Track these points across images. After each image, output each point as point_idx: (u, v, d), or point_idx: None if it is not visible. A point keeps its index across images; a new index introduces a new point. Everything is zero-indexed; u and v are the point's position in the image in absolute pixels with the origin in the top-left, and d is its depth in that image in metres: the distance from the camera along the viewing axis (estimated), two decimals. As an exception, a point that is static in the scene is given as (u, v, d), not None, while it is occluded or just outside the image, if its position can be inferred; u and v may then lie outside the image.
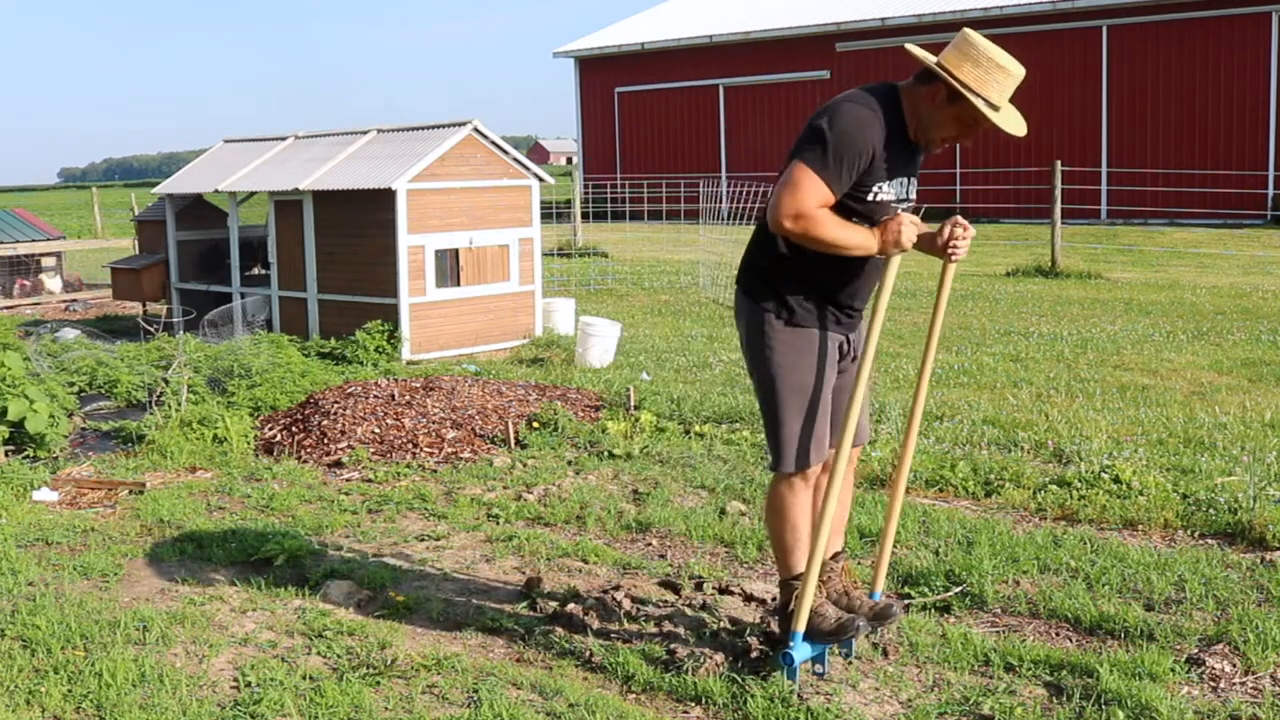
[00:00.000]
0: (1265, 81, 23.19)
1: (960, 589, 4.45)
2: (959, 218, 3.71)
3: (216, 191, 11.59)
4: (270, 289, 11.10)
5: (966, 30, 3.55)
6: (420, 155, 9.99)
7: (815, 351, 3.71)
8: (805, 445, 3.70)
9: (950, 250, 3.68)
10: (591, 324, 9.68)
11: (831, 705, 3.56)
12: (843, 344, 3.81)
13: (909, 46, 3.72)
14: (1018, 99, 3.66)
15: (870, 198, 3.59)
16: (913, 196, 3.78)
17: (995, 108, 3.49)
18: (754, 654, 3.85)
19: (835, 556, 3.94)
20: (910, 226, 3.54)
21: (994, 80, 3.46)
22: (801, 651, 3.68)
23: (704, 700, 3.65)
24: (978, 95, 3.46)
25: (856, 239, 3.54)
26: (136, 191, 34.03)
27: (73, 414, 7.83)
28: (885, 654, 3.95)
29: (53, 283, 16.19)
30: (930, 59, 3.54)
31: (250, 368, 8.44)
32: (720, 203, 20.07)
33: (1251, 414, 7.21)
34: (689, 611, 4.33)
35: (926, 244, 3.73)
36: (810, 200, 3.49)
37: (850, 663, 3.88)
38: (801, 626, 3.64)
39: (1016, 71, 3.48)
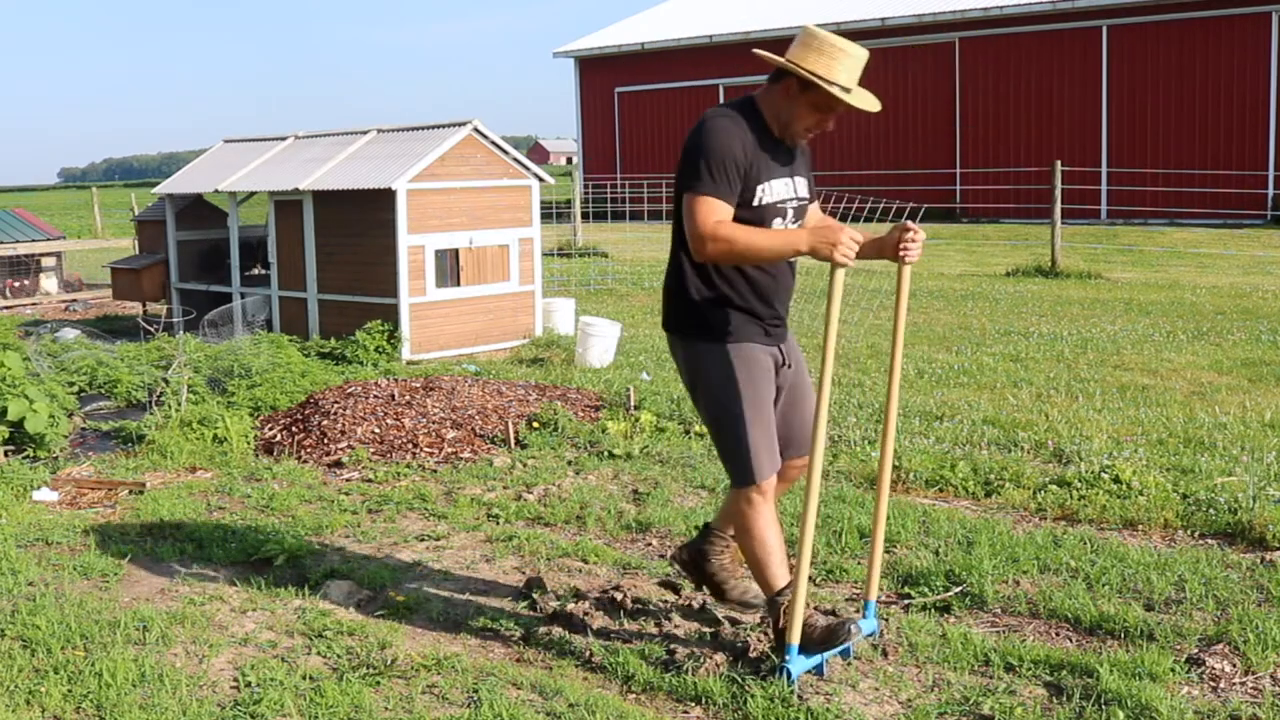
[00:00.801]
0: (1265, 81, 23.18)
1: (960, 589, 4.45)
2: (907, 222, 3.76)
3: (216, 191, 11.59)
4: (270, 289, 11.10)
5: (807, 25, 3.73)
6: (420, 155, 10.00)
7: (750, 366, 3.79)
8: (760, 458, 3.76)
9: (902, 253, 3.75)
10: (591, 324, 9.68)
11: (832, 705, 3.56)
12: (775, 355, 3.89)
13: (757, 51, 3.88)
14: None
15: (757, 202, 3.70)
16: (804, 194, 3.89)
17: (847, 90, 3.63)
18: (754, 654, 3.85)
19: (734, 536, 4.01)
20: (850, 239, 3.53)
21: (838, 64, 3.61)
22: (798, 665, 3.69)
23: (704, 700, 3.65)
24: (824, 80, 3.60)
25: (778, 240, 3.62)
26: (136, 191, 34.03)
27: (73, 414, 7.83)
28: (885, 654, 3.95)
29: (49, 283, 16.19)
30: (778, 58, 3.68)
31: (250, 368, 8.44)
32: (720, 203, 20.08)
33: (1251, 414, 7.21)
34: (689, 611, 4.33)
35: (875, 249, 3.83)
36: (712, 218, 3.58)
37: (850, 663, 3.87)
38: (796, 639, 3.66)
39: (858, 53, 3.64)
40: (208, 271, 12.32)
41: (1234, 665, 3.78)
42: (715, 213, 3.59)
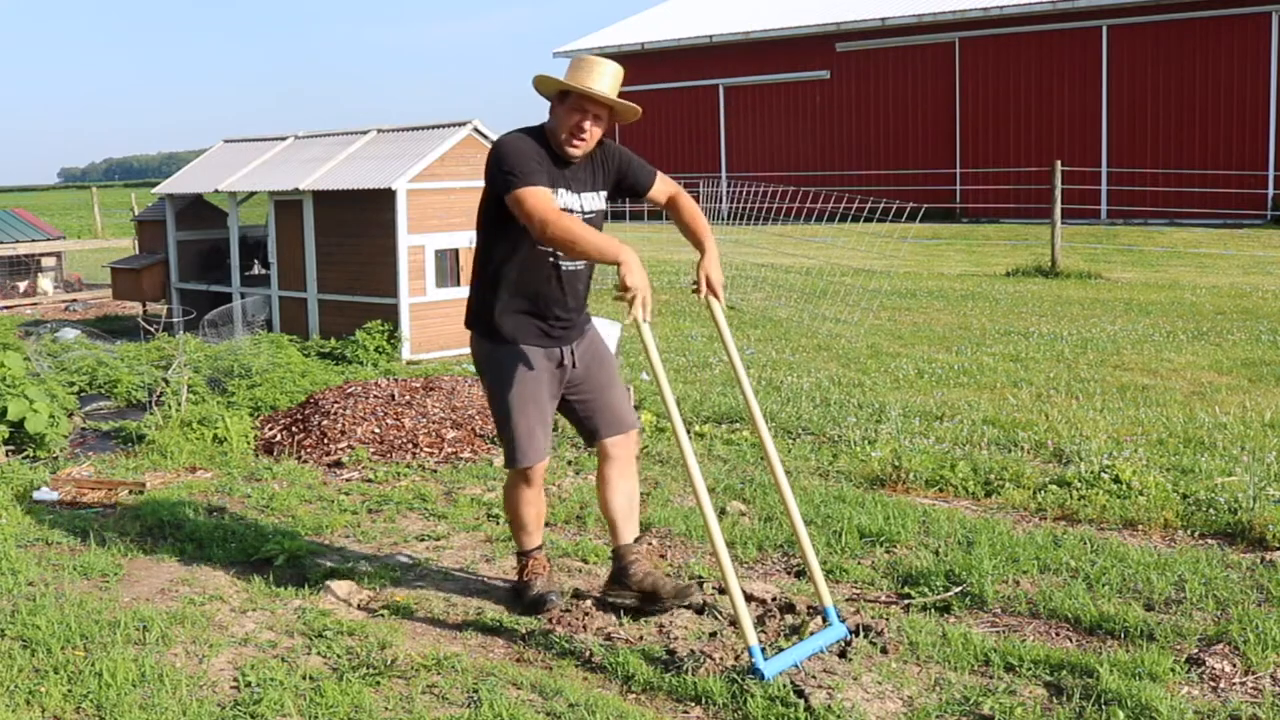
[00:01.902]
0: (1265, 81, 23.18)
1: (960, 589, 4.45)
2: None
3: (216, 191, 11.59)
4: (270, 289, 11.10)
5: (576, 57, 4.25)
6: (420, 155, 10.00)
7: (520, 365, 4.24)
8: (522, 446, 4.26)
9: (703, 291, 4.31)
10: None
11: (834, 703, 3.56)
12: (555, 355, 4.30)
13: (537, 79, 4.22)
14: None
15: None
16: (590, 208, 4.28)
17: (591, 90, 4.04)
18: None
19: (637, 540, 4.45)
20: (647, 292, 3.88)
21: (586, 73, 4.07)
22: (770, 669, 3.70)
23: (704, 700, 3.65)
24: (572, 84, 4.05)
25: (598, 241, 3.93)
26: (136, 191, 34.04)
27: (73, 414, 7.83)
28: (885, 652, 3.95)
29: (44, 282, 16.19)
30: (543, 76, 4.16)
31: (250, 368, 8.45)
32: (720, 203, 20.08)
33: (1251, 414, 7.21)
34: (689, 611, 4.33)
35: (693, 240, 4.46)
36: (541, 204, 3.96)
37: (851, 661, 3.87)
38: (754, 641, 3.73)
39: (609, 65, 4.09)
40: (208, 271, 12.32)
41: (1234, 665, 3.78)
42: (542, 197, 3.99)
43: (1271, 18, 23.03)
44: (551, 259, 4.19)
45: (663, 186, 4.46)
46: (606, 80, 4.08)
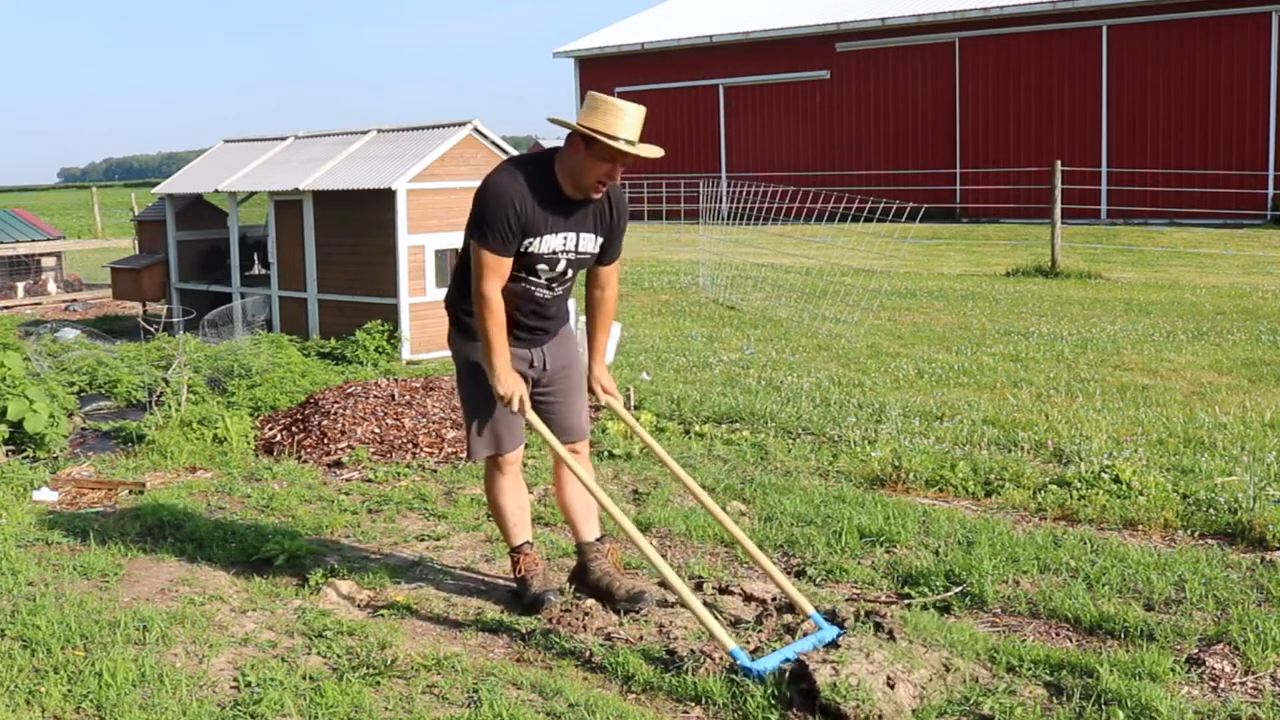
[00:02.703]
0: (1265, 81, 23.18)
1: (960, 589, 4.45)
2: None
3: (216, 191, 11.59)
4: (270, 289, 11.10)
5: (591, 92, 4.17)
6: (420, 155, 10.00)
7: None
8: (483, 439, 4.38)
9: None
10: (591, 324, 9.67)
11: (839, 682, 3.53)
12: (525, 356, 4.37)
13: (551, 119, 4.30)
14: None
15: (523, 249, 4.17)
16: (584, 250, 4.29)
17: (630, 142, 4.04)
18: (753, 653, 3.85)
19: (601, 539, 4.52)
20: (518, 405, 4.19)
21: (614, 120, 4.03)
22: (761, 667, 3.69)
23: (704, 700, 3.65)
24: (604, 134, 4.01)
25: (491, 348, 4.15)
26: (136, 191, 34.04)
27: (73, 414, 7.83)
28: (891, 636, 3.94)
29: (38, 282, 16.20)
30: (567, 122, 4.10)
31: (250, 368, 8.45)
32: (720, 203, 20.08)
33: (1251, 414, 7.21)
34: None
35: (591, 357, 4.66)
36: (488, 277, 4.12)
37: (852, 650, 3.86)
38: (730, 644, 3.76)
39: (631, 108, 4.06)
40: (208, 271, 12.32)
41: (1234, 665, 3.78)
42: (492, 267, 4.12)
43: (1271, 18, 23.03)
44: (530, 287, 4.27)
45: (614, 267, 4.51)
46: (637, 129, 4.07)
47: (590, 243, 4.30)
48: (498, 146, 10.43)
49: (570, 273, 4.33)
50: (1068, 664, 3.80)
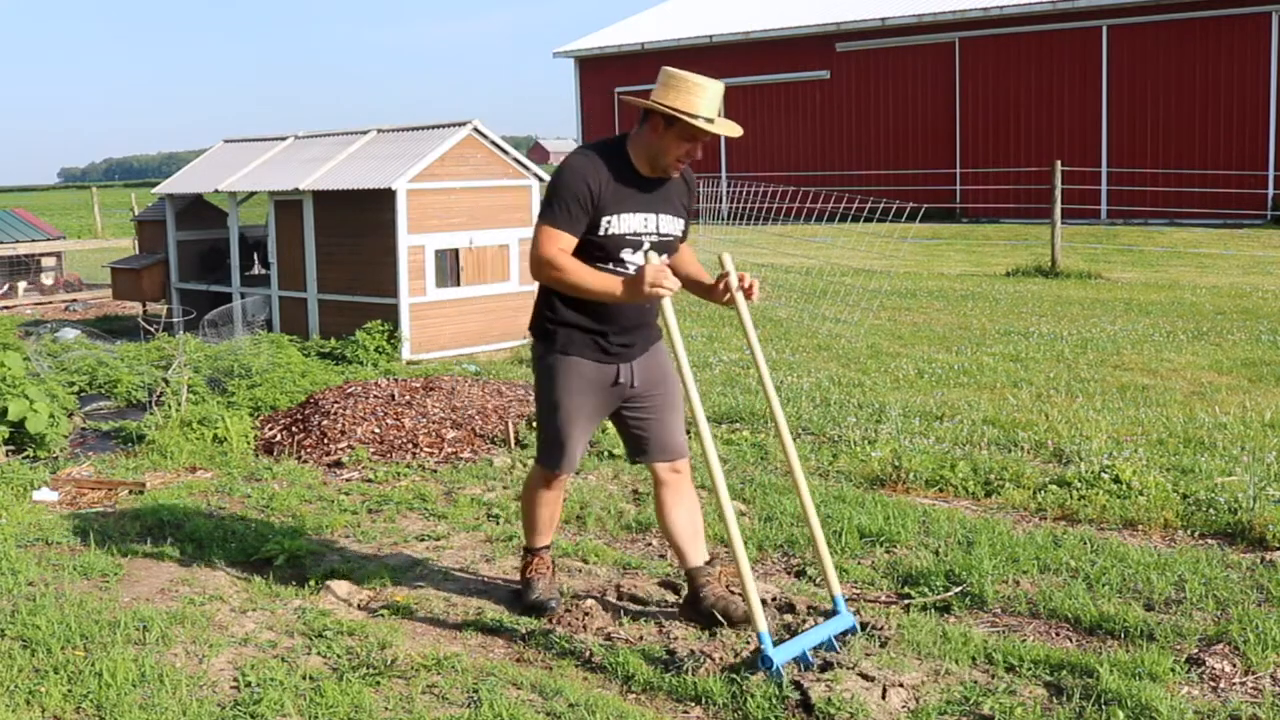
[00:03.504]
0: (1265, 81, 23.18)
1: (960, 589, 4.45)
2: (727, 276, 4.08)
3: (216, 191, 11.59)
4: (270, 289, 11.10)
5: (665, 67, 4.03)
6: (420, 155, 10.00)
7: (573, 378, 4.15)
8: (554, 452, 4.23)
9: (725, 300, 4.13)
10: (591, 324, 9.67)
11: (834, 696, 3.55)
12: (612, 373, 4.19)
13: (623, 98, 4.20)
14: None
15: (603, 232, 4.02)
16: (666, 230, 4.14)
17: (710, 120, 3.92)
18: (754, 652, 3.85)
19: (709, 562, 4.34)
20: (659, 274, 3.80)
21: (694, 97, 3.89)
22: (779, 655, 3.71)
23: (704, 700, 3.65)
24: (685, 112, 3.88)
25: (599, 284, 3.94)
26: (136, 191, 34.04)
27: (73, 414, 7.83)
28: (883, 645, 3.95)
29: (45, 282, 16.18)
30: (643, 100, 3.99)
31: (250, 368, 8.45)
32: (720, 203, 20.08)
33: (1251, 414, 7.21)
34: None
35: (702, 291, 4.26)
36: (550, 248, 3.95)
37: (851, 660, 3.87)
38: (763, 627, 3.73)
39: (712, 85, 3.93)
40: (208, 271, 12.32)
41: (1234, 665, 3.78)
42: (556, 242, 3.96)
43: (1271, 18, 23.03)
44: (613, 270, 4.06)
45: (686, 252, 4.35)
46: (716, 106, 3.93)
47: (671, 224, 4.15)
48: (498, 146, 10.43)
49: (663, 258, 4.11)
50: (1068, 664, 3.80)
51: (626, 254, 4.06)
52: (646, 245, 4.07)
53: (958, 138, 26.87)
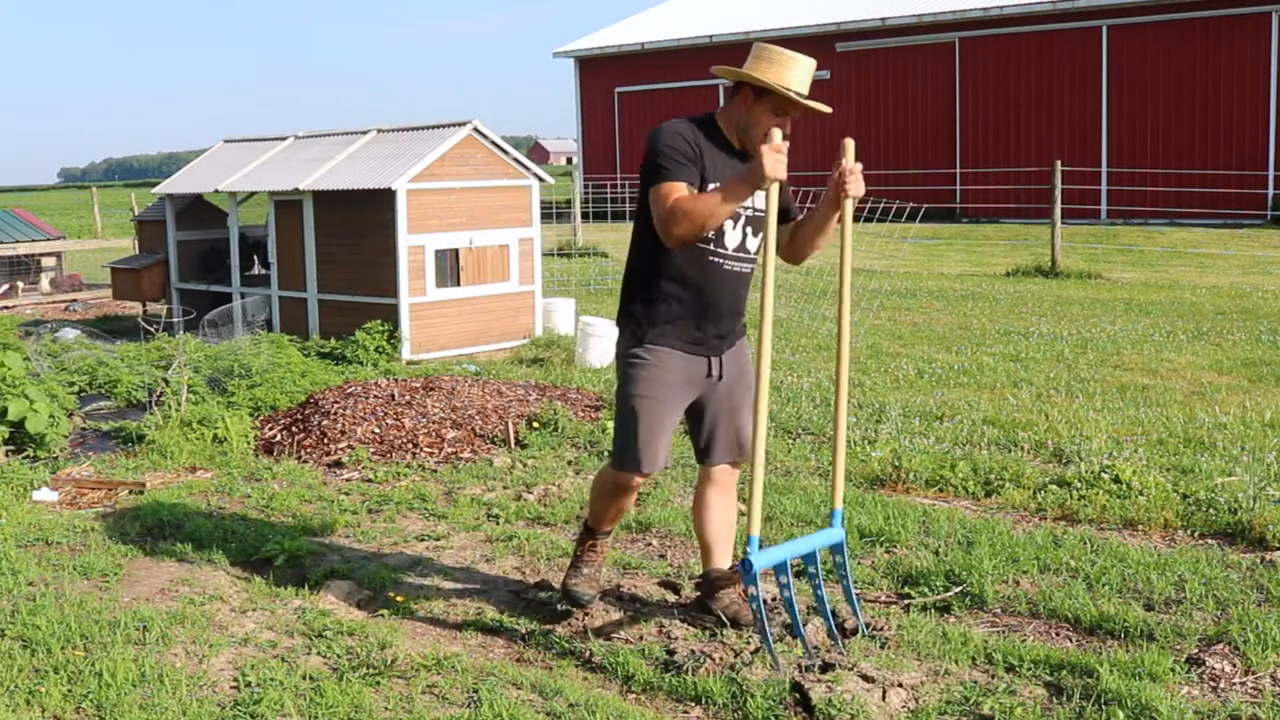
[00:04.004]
0: (1265, 81, 23.17)
1: (960, 589, 4.45)
2: (842, 161, 3.89)
3: (216, 191, 11.59)
4: (270, 289, 11.10)
5: (757, 42, 3.98)
6: (420, 155, 10.00)
7: (662, 370, 4.00)
8: (637, 453, 4.02)
9: (842, 189, 3.89)
10: (591, 324, 9.68)
11: (834, 697, 3.55)
12: (702, 366, 4.07)
13: (715, 68, 4.07)
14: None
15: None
16: (760, 206, 3.99)
17: (802, 95, 3.85)
18: (754, 652, 3.85)
19: (733, 568, 4.17)
20: (776, 157, 3.65)
21: (787, 71, 3.83)
22: (761, 560, 3.74)
23: (704, 700, 3.65)
24: (779, 85, 3.81)
25: (727, 196, 3.74)
26: (136, 191, 34.04)
27: (73, 414, 7.83)
28: (883, 646, 3.95)
29: (44, 282, 16.18)
30: (735, 69, 3.89)
31: (250, 368, 8.44)
32: (720, 203, 20.06)
33: (1251, 414, 7.21)
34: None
35: (820, 220, 4.03)
36: (671, 197, 3.78)
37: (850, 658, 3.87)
38: (756, 530, 3.73)
39: (804, 60, 3.86)
40: (208, 271, 12.32)
41: (1234, 665, 3.78)
42: (676, 190, 3.80)
43: (1271, 18, 23.03)
44: (714, 257, 3.96)
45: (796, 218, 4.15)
46: (808, 82, 3.86)
47: (762, 199, 3.97)
48: (498, 146, 10.43)
49: (751, 241, 4.02)
50: (1068, 664, 3.80)
51: (727, 226, 3.95)
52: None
53: (958, 138, 26.87)
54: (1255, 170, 23.20)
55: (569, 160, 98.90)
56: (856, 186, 3.87)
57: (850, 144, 3.89)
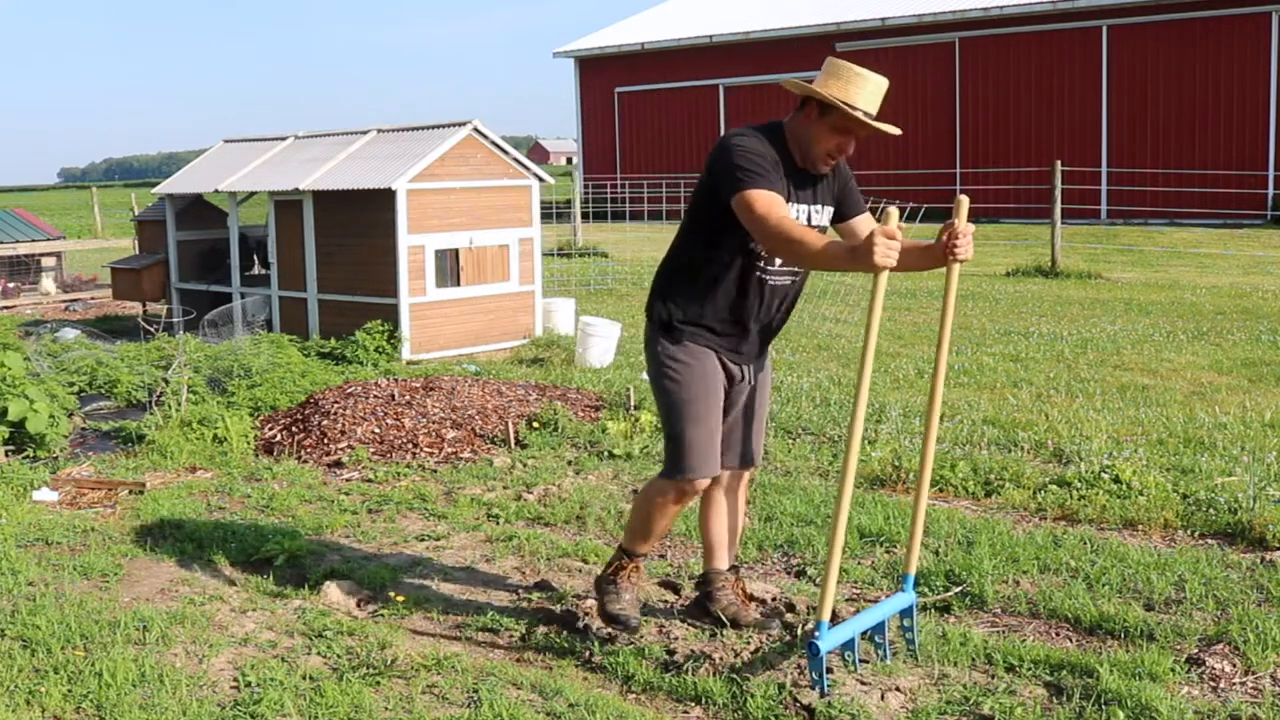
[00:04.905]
0: (1265, 81, 23.17)
1: (960, 589, 4.45)
2: (954, 222, 3.68)
3: (216, 191, 11.59)
4: (270, 289, 11.10)
5: (831, 58, 3.83)
6: (420, 155, 9.99)
7: (704, 368, 3.91)
8: (694, 458, 3.90)
9: (951, 253, 3.69)
10: (591, 324, 9.68)
11: (834, 702, 3.56)
12: (735, 371, 4.01)
13: (786, 82, 3.93)
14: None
15: None
16: (817, 223, 3.90)
17: (870, 115, 3.71)
18: (754, 652, 3.85)
19: (732, 569, 4.24)
20: (887, 245, 3.42)
21: (856, 89, 3.69)
22: (827, 641, 3.61)
23: (704, 700, 3.65)
24: (844, 102, 3.68)
25: (834, 252, 3.53)
26: (136, 191, 34.03)
27: (73, 414, 7.83)
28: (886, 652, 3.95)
29: (46, 283, 16.18)
30: (803, 84, 3.76)
31: (250, 368, 8.44)
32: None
33: (1251, 414, 7.21)
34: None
35: (916, 257, 3.79)
36: (776, 212, 3.59)
37: (852, 668, 3.86)
38: (826, 615, 3.55)
39: (877, 79, 3.72)
40: (208, 271, 12.32)
41: (1234, 665, 3.78)
42: (772, 200, 3.62)
43: (1271, 18, 23.03)
44: (759, 272, 3.87)
45: (867, 222, 4.02)
46: (878, 102, 3.74)
47: (821, 215, 3.93)
48: (498, 146, 10.43)
49: None
50: (1068, 664, 3.80)
51: None
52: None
53: (958, 138, 26.86)
54: (1255, 170, 23.20)
55: (569, 160, 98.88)
56: (967, 250, 3.66)
57: (965, 202, 3.67)
